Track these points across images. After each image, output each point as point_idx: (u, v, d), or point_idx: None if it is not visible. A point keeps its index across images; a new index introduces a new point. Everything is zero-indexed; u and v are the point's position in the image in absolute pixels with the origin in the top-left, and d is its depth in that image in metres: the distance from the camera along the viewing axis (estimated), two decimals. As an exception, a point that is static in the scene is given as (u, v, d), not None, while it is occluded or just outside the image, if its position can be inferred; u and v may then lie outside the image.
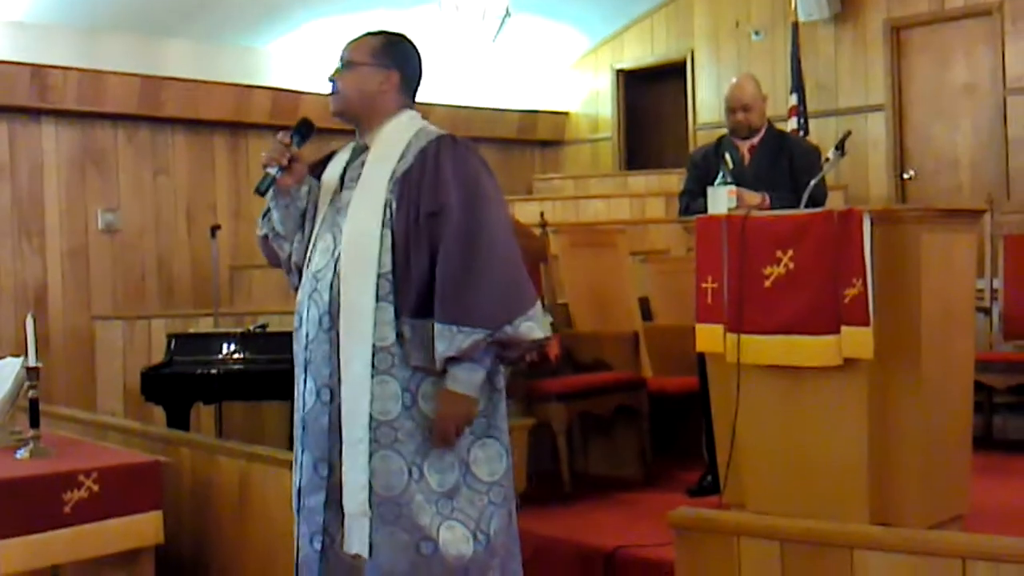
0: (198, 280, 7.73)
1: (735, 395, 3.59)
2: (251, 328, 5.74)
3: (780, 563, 2.72)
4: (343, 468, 2.65)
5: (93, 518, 3.50)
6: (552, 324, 4.98)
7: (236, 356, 5.53)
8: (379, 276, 2.66)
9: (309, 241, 2.84)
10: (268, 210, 2.90)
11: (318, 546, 2.70)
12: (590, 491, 5.04)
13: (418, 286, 2.65)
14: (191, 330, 6.11)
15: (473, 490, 2.70)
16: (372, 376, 2.64)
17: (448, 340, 2.59)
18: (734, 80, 4.95)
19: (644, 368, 5.61)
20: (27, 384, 3.79)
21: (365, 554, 2.63)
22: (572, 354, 5.57)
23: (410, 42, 2.90)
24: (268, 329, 5.72)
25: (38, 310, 6.54)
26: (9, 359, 4.19)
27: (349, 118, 2.84)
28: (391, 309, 2.66)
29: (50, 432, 4.16)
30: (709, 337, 3.70)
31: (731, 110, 4.82)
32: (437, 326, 2.61)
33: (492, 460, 2.75)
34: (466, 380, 2.63)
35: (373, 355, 2.65)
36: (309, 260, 2.81)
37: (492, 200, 2.70)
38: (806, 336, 3.40)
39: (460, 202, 2.64)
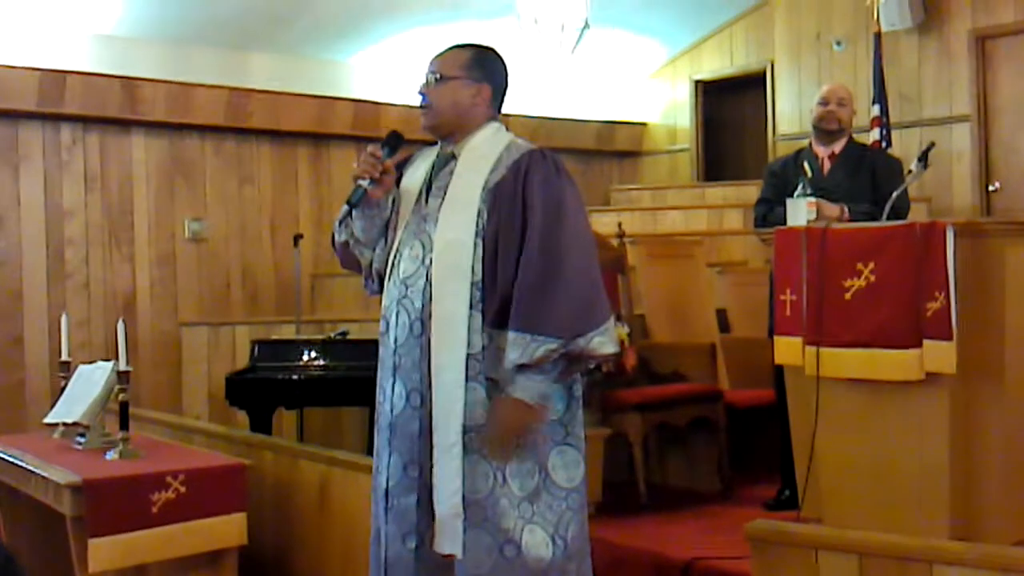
0: (281, 288, 7.88)
1: (814, 409, 3.56)
2: (332, 335, 5.84)
3: (858, 577, 2.70)
4: (435, 472, 2.70)
5: (179, 519, 3.59)
6: (629, 335, 4.99)
7: (317, 363, 5.62)
8: (471, 284, 2.71)
9: (392, 248, 2.89)
10: (346, 216, 2.94)
11: (412, 545, 2.74)
12: (666, 503, 5.03)
13: (501, 296, 2.70)
14: (274, 337, 6.22)
15: (552, 495, 2.74)
16: (464, 383, 2.69)
17: (521, 348, 2.62)
18: None
19: (721, 380, 5.59)
20: (117, 387, 3.90)
21: (459, 554, 2.68)
22: (649, 365, 5.56)
23: (499, 54, 2.94)
24: (348, 336, 5.80)
25: (127, 316, 6.71)
26: (100, 363, 4.32)
27: (441, 131, 2.88)
28: (480, 317, 2.71)
29: (138, 434, 4.28)
30: (788, 350, 3.68)
31: (825, 102, 4.79)
32: (511, 334, 2.64)
33: (570, 467, 2.78)
34: (531, 388, 2.65)
35: (466, 362, 2.70)
36: (394, 266, 2.85)
37: (575, 215, 2.73)
38: (887, 350, 3.37)
39: (544, 216, 2.69)
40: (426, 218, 2.83)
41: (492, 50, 2.94)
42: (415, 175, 2.94)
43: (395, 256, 2.86)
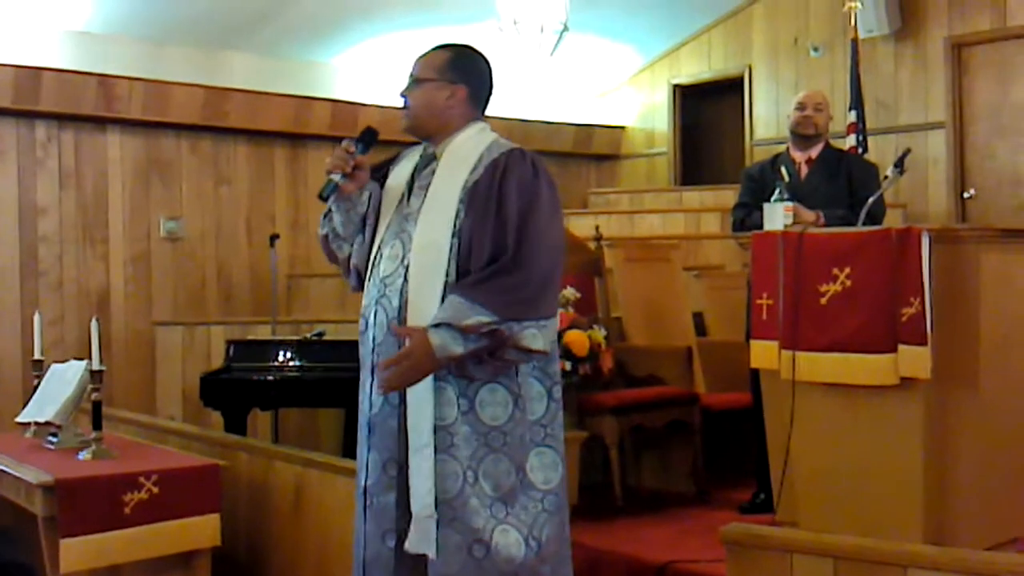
0: (257, 288, 7.84)
1: (790, 413, 3.58)
2: (308, 336, 5.81)
3: (833, 581, 2.71)
4: (410, 472, 2.69)
5: (152, 519, 3.58)
6: (606, 338, 4.99)
7: (293, 363, 5.59)
8: (445, 284, 2.71)
9: (372, 245, 2.90)
10: (329, 211, 2.96)
11: (391, 543, 2.73)
12: (642, 505, 5.04)
13: None
14: (249, 337, 6.19)
15: (529, 496, 2.74)
16: (435, 382, 2.68)
17: (455, 310, 2.61)
18: None
19: (697, 383, 5.60)
20: (91, 387, 3.87)
21: (432, 554, 2.67)
22: (625, 368, 5.57)
23: (480, 55, 2.94)
24: (324, 337, 5.78)
25: (101, 315, 6.65)
26: (73, 362, 4.29)
27: (419, 133, 2.90)
28: None
29: (112, 434, 4.25)
30: (764, 353, 3.69)
31: (802, 106, 4.82)
32: (452, 296, 2.64)
33: (548, 468, 2.78)
34: (445, 343, 2.60)
35: None
36: (375, 265, 2.85)
37: (547, 216, 2.74)
38: (862, 354, 3.39)
39: (516, 212, 2.70)
40: (407, 218, 2.83)
41: (472, 51, 2.93)
42: (400, 174, 2.94)
43: (376, 255, 2.86)
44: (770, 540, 2.89)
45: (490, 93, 2.95)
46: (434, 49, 2.92)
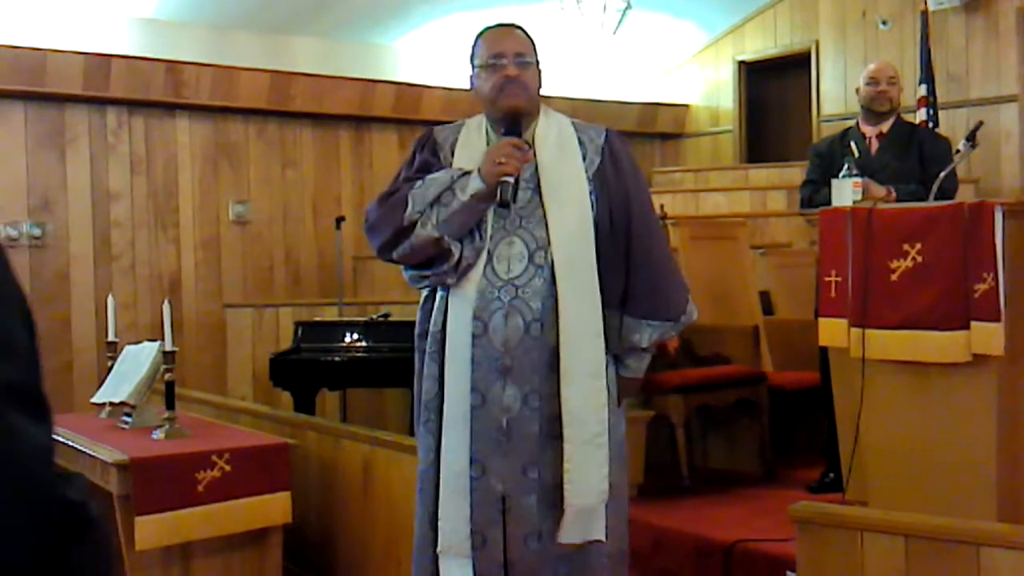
0: (323, 270, 7.93)
1: (859, 391, 3.53)
2: (374, 317, 5.87)
3: (904, 560, 2.67)
4: (573, 466, 2.74)
5: (225, 497, 3.63)
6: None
7: (360, 344, 5.65)
8: (595, 276, 2.78)
9: (490, 243, 2.78)
10: (428, 208, 2.71)
11: (535, 545, 2.75)
12: (708, 485, 5.02)
13: (611, 279, 2.80)
14: (317, 319, 6.26)
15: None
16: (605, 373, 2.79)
17: (646, 333, 2.80)
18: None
19: (764, 362, 5.55)
20: (163, 368, 3.94)
21: (603, 537, 2.79)
22: (691, 347, 5.53)
23: None
24: (390, 318, 5.83)
25: (172, 298, 6.73)
26: (147, 343, 4.36)
27: (526, 113, 2.80)
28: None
29: (184, 414, 4.32)
30: (833, 331, 3.64)
31: (876, 81, 4.70)
32: (633, 321, 2.79)
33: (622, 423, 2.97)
34: (642, 365, 2.89)
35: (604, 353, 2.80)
36: (486, 265, 2.75)
37: (647, 189, 2.93)
38: (934, 331, 3.33)
39: (637, 195, 2.83)
40: (520, 214, 2.76)
41: None
42: (474, 161, 2.76)
43: (486, 255, 2.76)
44: (841, 518, 2.86)
45: None
46: (515, 27, 2.87)
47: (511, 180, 2.62)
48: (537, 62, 2.83)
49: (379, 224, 2.80)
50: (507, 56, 2.77)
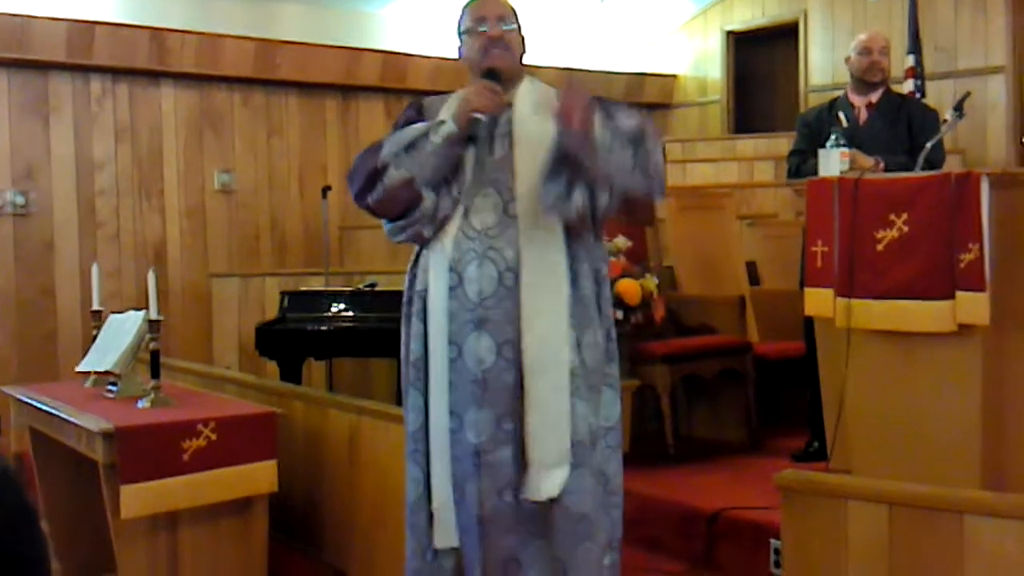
0: (309, 239, 7.90)
1: (844, 360, 3.55)
2: (360, 287, 5.85)
3: (888, 527, 2.69)
4: (534, 419, 2.71)
5: (211, 466, 3.62)
6: (658, 286, 4.97)
7: (346, 314, 5.64)
8: (561, 228, 2.75)
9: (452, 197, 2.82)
10: (408, 148, 2.76)
11: (510, 499, 2.73)
12: (694, 454, 5.04)
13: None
14: (303, 288, 6.24)
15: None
16: (568, 326, 2.73)
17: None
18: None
19: (750, 332, 5.57)
20: (148, 336, 3.92)
21: (559, 495, 2.72)
22: (678, 317, 5.55)
23: None
24: (376, 288, 5.82)
25: (158, 267, 6.74)
26: (131, 312, 4.34)
27: (508, 75, 2.86)
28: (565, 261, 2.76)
29: (170, 383, 4.31)
30: (819, 301, 3.66)
31: (868, 51, 4.68)
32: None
33: (608, 405, 2.84)
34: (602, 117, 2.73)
35: (568, 305, 2.74)
36: (463, 217, 2.79)
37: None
38: (920, 301, 3.35)
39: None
40: (495, 167, 2.80)
41: None
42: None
43: (462, 207, 2.80)
44: (825, 486, 2.88)
45: None
46: None
47: (482, 117, 2.71)
48: (519, 28, 2.89)
49: (357, 169, 2.85)
50: (489, 20, 2.86)
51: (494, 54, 2.83)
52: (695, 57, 10.22)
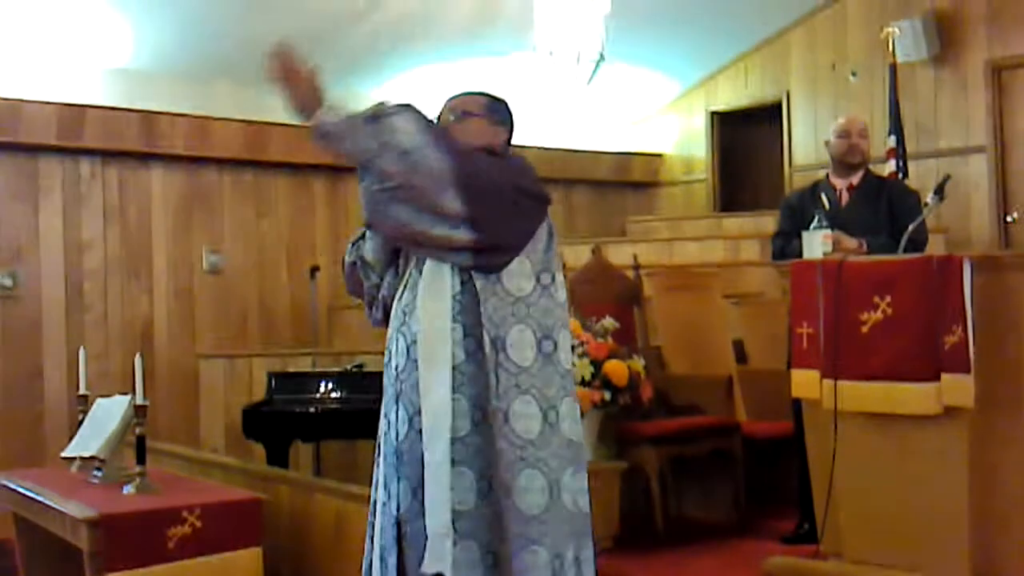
0: (297, 320, 7.90)
1: (832, 442, 3.54)
2: (348, 368, 5.84)
3: (878, 615, 2.68)
4: (426, 490, 2.70)
5: (196, 553, 3.60)
6: (645, 367, 4.98)
7: (334, 395, 5.63)
8: (452, 298, 2.76)
9: (402, 279, 2.92)
10: (360, 238, 3.03)
11: (432, 571, 2.71)
12: (684, 536, 5.00)
13: None
14: (290, 369, 6.24)
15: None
16: (452, 396, 2.70)
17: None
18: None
19: (738, 412, 5.57)
20: (134, 421, 3.91)
21: (448, 571, 2.66)
22: (665, 397, 5.54)
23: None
24: (364, 369, 5.81)
25: (145, 348, 6.74)
26: (118, 397, 4.34)
27: None
28: (461, 329, 2.74)
29: (155, 468, 4.28)
30: (805, 383, 3.66)
31: (847, 134, 4.74)
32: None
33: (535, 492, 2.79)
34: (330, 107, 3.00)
35: (452, 375, 2.71)
36: (399, 299, 2.90)
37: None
38: (905, 383, 3.35)
39: None
40: None
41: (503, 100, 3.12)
42: None
43: (402, 289, 2.91)
44: (813, 573, 2.86)
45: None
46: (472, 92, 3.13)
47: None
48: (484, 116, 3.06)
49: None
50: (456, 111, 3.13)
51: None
52: (680, 137, 10.34)
